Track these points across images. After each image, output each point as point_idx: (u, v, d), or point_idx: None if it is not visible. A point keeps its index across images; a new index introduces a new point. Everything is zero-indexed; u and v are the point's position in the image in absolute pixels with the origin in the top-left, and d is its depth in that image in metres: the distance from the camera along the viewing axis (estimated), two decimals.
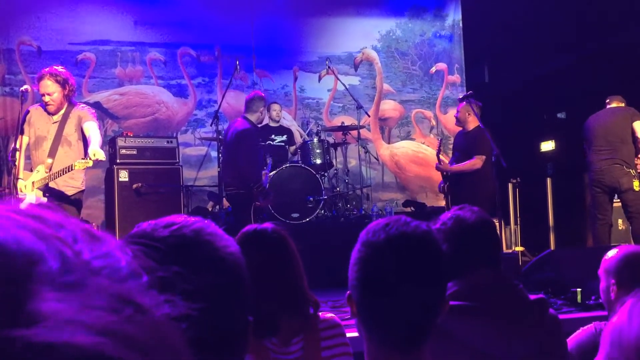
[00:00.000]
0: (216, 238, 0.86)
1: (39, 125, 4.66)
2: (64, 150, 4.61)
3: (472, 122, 6.18)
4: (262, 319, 1.79)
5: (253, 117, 6.04)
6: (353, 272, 1.18)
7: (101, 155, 4.42)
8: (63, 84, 4.56)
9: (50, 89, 4.52)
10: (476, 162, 6.07)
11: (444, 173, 6.28)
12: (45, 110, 4.63)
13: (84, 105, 5.02)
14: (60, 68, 4.65)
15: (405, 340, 1.14)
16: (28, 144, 4.73)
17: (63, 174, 4.49)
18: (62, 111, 4.66)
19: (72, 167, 4.41)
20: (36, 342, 0.31)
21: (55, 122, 4.66)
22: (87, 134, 4.65)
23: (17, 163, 4.39)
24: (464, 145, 6.26)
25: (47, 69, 4.62)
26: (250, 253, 1.85)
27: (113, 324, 0.34)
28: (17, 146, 4.43)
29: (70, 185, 4.63)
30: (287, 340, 1.82)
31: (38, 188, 4.54)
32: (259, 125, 6.25)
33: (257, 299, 1.78)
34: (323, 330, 1.87)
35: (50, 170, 4.52)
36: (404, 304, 1.12)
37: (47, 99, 4.53)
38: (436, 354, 1.20)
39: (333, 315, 1.95)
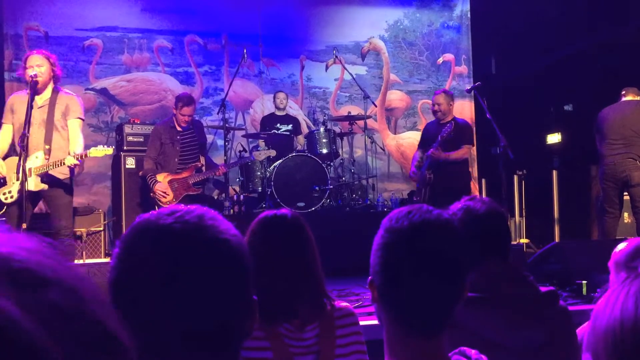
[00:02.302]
0: (218, 222, 0.90)
1: (24, 111, 4.60)
2: (55, 136, 4.69)
3: (451, 113, 6.20)
4: (279, 304, 1.80)
5: (176, 117, 6.05)
6: (376, 258, 1.19)
7: (72, 161, 4.60)
8: (51, 62, 4.67)
9: (39, 61, 4.62)
10: (466, 152, 6.07)
11: (430, 163, 6.01)
12: (31, 89, 4.58)
13: (71, 92, 4.95)
14: None
15: (426, 326, 1.16)
16: (13, 132, 4.75)
17: (56, 166, 4.59)
18: (48, 96, 4.68)
19: (62, 162, 4.55)
20: None
21: (41, 106, 4.67)
22: (70, 135, 4.77)
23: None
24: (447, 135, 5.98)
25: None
26: (271, 237, 1.87)
27: (27, 249, 0.45)
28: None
29: (60, 172, 4.71)
30: (303, 327, 1.83)
31: (37, 175, 4.58)
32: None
33: (276, 284, 1.79)
34: (338, 318, 1.88)
35: (49, 156, 4.60)
36: (425, 290, 1.14)
37: (35, 70, 4.56)
38: (449, 343, 1.21)
39: (347, 304, 1.96)
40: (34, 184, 4.56)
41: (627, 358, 0.88)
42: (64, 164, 4.56)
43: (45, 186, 4.59)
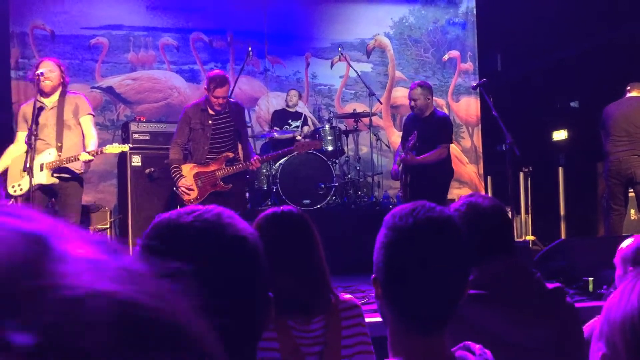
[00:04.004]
0: (235, 221, 0.92)
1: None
2: (67, 134, 5.00)
3: (431, 107, 5.84)
4: (284, 299, 1.82)
5: (209, 100, 5.35)
6: (380, 256, 1.21)
7: (86, 157, 4.88)
8: (61, 69, 5.06)
9: (51, 67, 4.99)
10: (443, 152, 5.73)
11: (405, 166, 5.80)
12: (40, 93, 4.98)
13: (77, 92, 5.37)
14: None
15: (430, 322, 1.18)
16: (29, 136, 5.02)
17: (70, 162, 4.90)
18: (56, 98, 5.01)
19: (77, 158, 4.86)
20: (64, 290, 0.32)
21: (52, 108, 5.01)
22: (85, 132, 5.11)
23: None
24: (425, 131, 5.70)
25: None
26: (276, 233, 1.88)
27: (130, 279, 0.36)
28: (26, 139, 4.78)
29: (74, 166, 5.01)
30: (309, 320, 1.86)
31: (48, 169, 4.90)
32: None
33: (280, 280, 1.81)
34: (343, 310, 1.91)
35: (61, 152, 4.92)
36: (430, 287, 1.16)
37: (47, 74, 4.92)
38: (455, 341, 1.22)
39: (351, 296, 1.99)
40: (45, 177, 4.88)
41: None
42: (78, 159, 4.87)
43: (56, 180, 4.88)
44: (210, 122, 5.37)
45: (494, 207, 1.87)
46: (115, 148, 5.04)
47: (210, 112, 5.38)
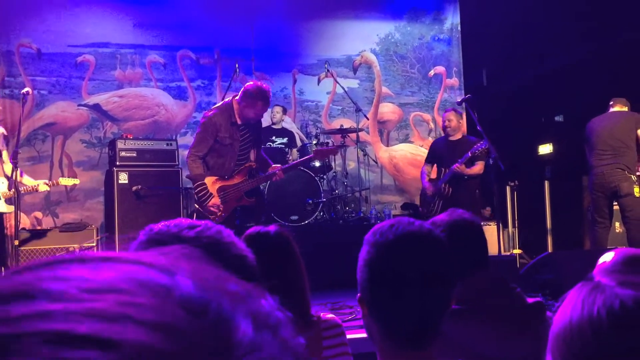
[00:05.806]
0: (235, 239, 0.92)
1: None
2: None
3: (461, 129, 6.45)
4: None
5: (241, 111, 4.85)
6: (363, 275, 1.20)
7: (45, 188, 5.19)
8: None
9: None
10: (482, 168, 6.22)
11: (452, 177, 6.16)
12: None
13: None
14: None
15: (417, 337, 1.18)
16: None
17: (28, 191, 5.05)
18: None
19: (36, 189, 5.05)
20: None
21: None
22: (6, 161, 5.12)
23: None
24: (462, 151, 6.16)
25: None
26: (256, 253, 1.88)
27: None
28: None
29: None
30: None
31: (4, 197, 4.87)
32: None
33: None
34: (324, 330, 1.90)
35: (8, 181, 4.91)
36: (415, 302, 1.15)
37: None
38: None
39: (333, 315, 1.98)
40: (5, 207, 4.87)
41: (576, 357, 0.91)
42: (37, 190, 4.98)
43: (12, 208, 4.80)
44: (238, 135, 4.88)
45: (470, 223, 1.90)
46: (69, 181, 5.46)
47: (238, 122, 4.88)
